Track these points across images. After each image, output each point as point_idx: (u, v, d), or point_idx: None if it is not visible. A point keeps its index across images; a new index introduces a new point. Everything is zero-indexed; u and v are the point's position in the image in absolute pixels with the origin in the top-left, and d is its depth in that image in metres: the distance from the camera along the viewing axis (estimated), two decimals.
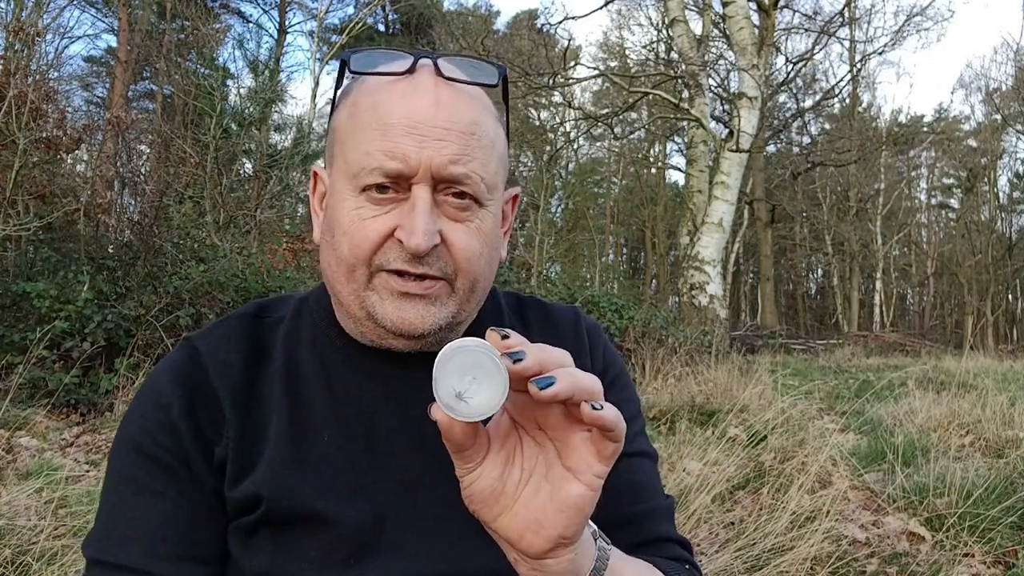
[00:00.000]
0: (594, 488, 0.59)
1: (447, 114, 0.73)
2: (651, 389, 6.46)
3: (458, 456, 0.60)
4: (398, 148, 0.71)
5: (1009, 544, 2.81)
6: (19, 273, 6.10)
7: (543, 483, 0.61)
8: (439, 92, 0.74)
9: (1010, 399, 5.14)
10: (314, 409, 0.79)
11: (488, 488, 0.60)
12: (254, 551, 0.75)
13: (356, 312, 0.78)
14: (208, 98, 11.48)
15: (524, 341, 0.57)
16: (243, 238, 9.67)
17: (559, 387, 0.54)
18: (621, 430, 0.57)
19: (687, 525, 2.73)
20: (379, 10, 26.67)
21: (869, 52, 22.50)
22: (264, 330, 0.85)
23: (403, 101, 0.73)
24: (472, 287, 0.78)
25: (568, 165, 27.94)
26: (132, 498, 0.76)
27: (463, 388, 0.56)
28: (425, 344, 0.79)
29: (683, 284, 12.48)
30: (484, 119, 0.76)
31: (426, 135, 0.72)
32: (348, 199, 0.75)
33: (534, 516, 0.60)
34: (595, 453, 0.58)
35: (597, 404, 0.56)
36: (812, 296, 37.76)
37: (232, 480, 0.76)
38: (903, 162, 32.68)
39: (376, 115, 0.73)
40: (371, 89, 0.76)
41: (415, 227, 0.71)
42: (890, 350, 17.19)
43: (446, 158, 0.72)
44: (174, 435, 0.76)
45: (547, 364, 0.56)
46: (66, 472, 3.34)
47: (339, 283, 0.77)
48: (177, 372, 0.79)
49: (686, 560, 0.87)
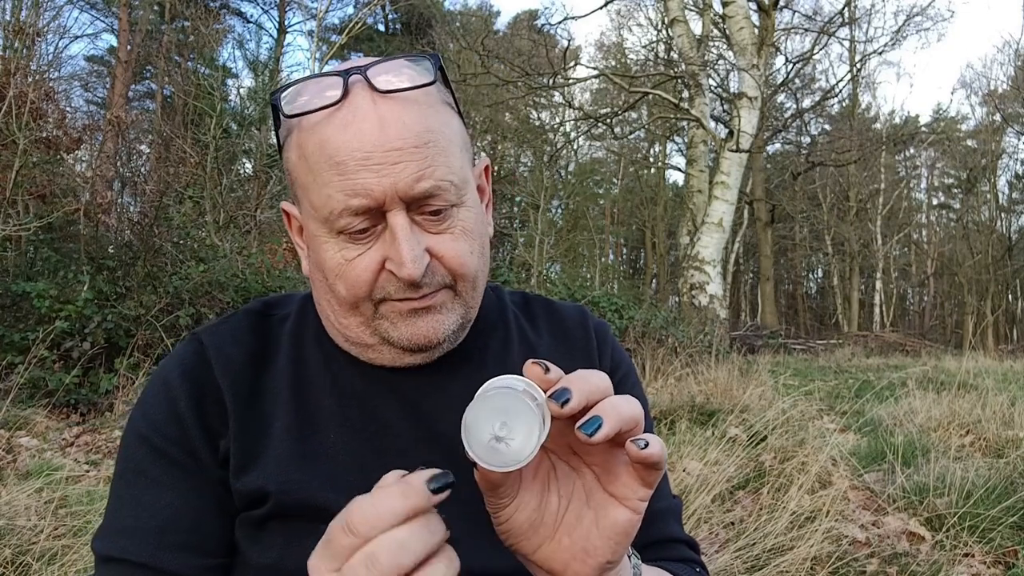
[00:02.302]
0: (639, 512, 0.58)
1: (394, 132, 0.69)
2: (651, 389, 6.46)
3: (492, 494, 0.58)
4: (357, 184, 0.68)
5: (1009, 544, 2.81)
6: (19, 273, 6.10)
7: (585, 510, 0.59)
8: (380, 111, 0.70)
9: (1010, 399, 5.13)
10: (320, 407, 0.79)
11: (527, 521, 0.59)
12: (263, 545, 0.75)
13: (368, 340, 0.78)
14: (208, 98, 11.48)
15: (562, 374, 0.55)
16: (243, 238, 9.67)
17: (607, 430, 0.53)
18: (664, 460, 0.56)
19: (687, 525, 2.73)
20: (379, 10, 26.66)
21: (869, 52, 22.49)
22: (270, 326, 0.85)
23: (346, 133, 0.69)
24: (473, 285, 0.78)
25: (568, 165, 27.92)
26: (139, 491, 0.76)
27: (502, 434, 0.53)
28: (442, 351, 0.79)
29: (683, 284, 12.48)
30: (433, 119, 0.72)
31: (381, 162, 0.68)
32: (328, 241, 0.73)
33: (580, 545, 0.58)
34: (638, 480, 0.57)
35: (641, 442, 0.54)
36: (812, 296, 37.75)
37: (236, 473, 0.76)
38: (903, 162, 32.70)
39: (324, 154, 0.70)
40: (311, 126, 0.71)
41: (403, 258, 0.69)
42: (890, 350, 17.19)
43: (410, 178, 0.69)
44: (181, 427, 0.76)
45: (592, 398, 0.54)
46: (66, 472, 3.34)
47: (344, 318, 0.77)
48: (183, 366, 0.79)
49: (695, 561, 0.87)
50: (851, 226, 28.43)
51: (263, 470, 0.75)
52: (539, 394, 0.54)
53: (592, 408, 0.54)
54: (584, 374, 0.55)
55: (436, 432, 0.79)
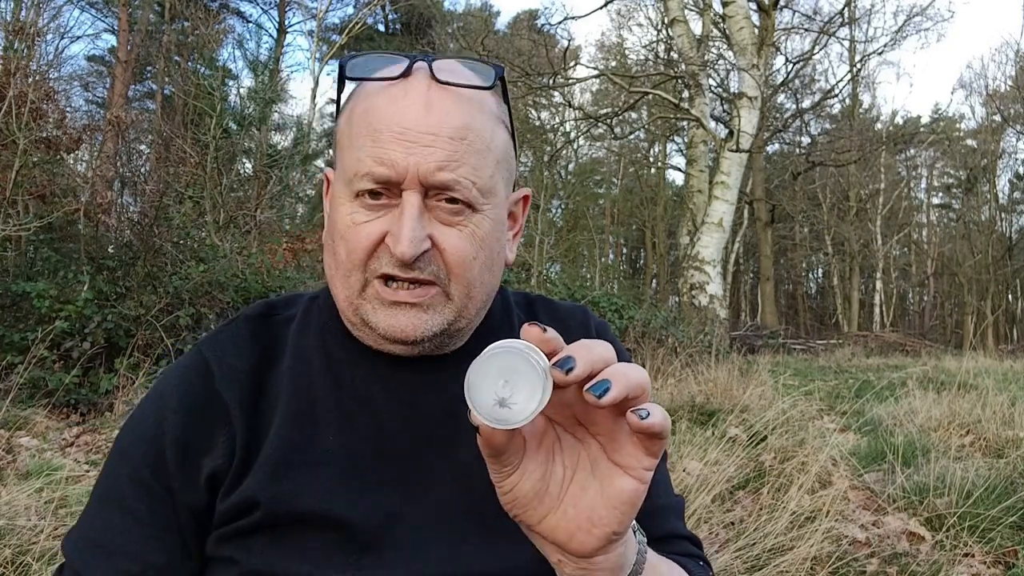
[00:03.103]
0: (645, 481, 0.58)
1: (436, 119, 0.72)
2: (651, 389, 6.45)
3: (495, 460, 0.58)
4: (386, 154, 0.71)
5: (1009, 544, 2.81)
6: (19, 273, 6.10)
7: (590, 479, 0.59)
8: (430, 96, 0.73)
9: (1010, 399, 5.14)
10: (320, 409, 0.79)
11: (532, 490, 0.59)
12: (252, 551, 0.75)
13: (351, 317, 0.79)
14: (208, 98, 11.48)
15: (559, 338, 0.55)
16: (243, 238, 9.67)
17: (615, 392, 0.53)
18: (668, 429, 0.56)
19: (687, 525, 2.73)
20: (379, 10, 26.68)
21: (869, 52, 22.51)
22: (273, 329, 0.84)
23: (393, 106, 0.73)
24: (468, 292, 0.77)
25: (568, 165, 27.94)
26: (107, 507, 0.77)
27: (505, 394, 0.53)
28: (424, 349, 0.79)
29: (683, 284, 12.48)
30: (478, 122, 0.75)
31: (414, 141, 0.71)
32: (345, 203, 0.75)
33: (585, 514, 0.58)
34: (643, 449, 0.57)
35: (643, 412, 0.54)
36: (812, 296, 37.76)
37: (231, 484, 0.75)
38: (903, 162, 32.71)
39: (367, 121, 0.73)
40: (367, 94, 0.76)
41: (401, 235, 0.71)
42: (890, 350, 17.20)
43: (433, 164, 0.71)
44: (158, 448, 0.76)
45: (597, 366, 0.54)
46: (66, 472, 3.34)
47: (337, 286, 0.78)
48: (183, 380, 0.79)
49: (699, 557, 0.88)
50: (851, 226, 28.44)
51: (254, 477, 0.75)
52: (540, 356, 0.54)
53: (598, 374, 0.54)
54: (587, 343, 0.55)
55: (436, 435, 0.79)
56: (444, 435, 0.79)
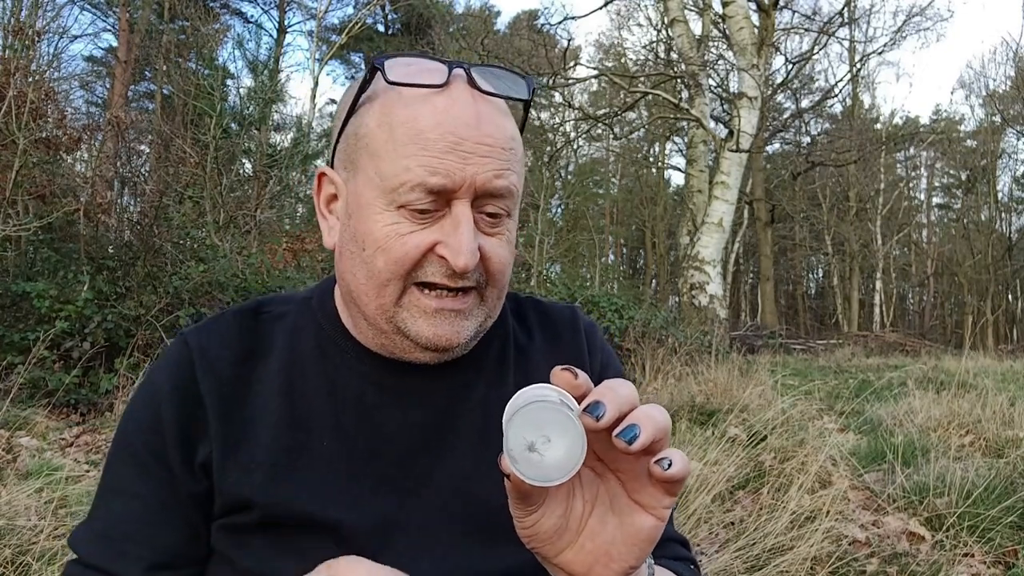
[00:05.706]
0: (664, 519, 0.59)
1: (489, 130, 0.73)
2: (651, 389, 6.46)
3: (521, 503, 0.58)
4: (441, 164, 0.70)
5: (1009, 544, 2.81)
6: (19, 273, 6.10)
7: (608, 515, 0.60)
8: (478, 107, 0.73)
9: (1010, 399, 5.13)
10: (314, 410, 0.78)
11: (552, 528, 0.59)
12: (247, 551, 0.75)
13: (384, 327, 0.77)
14: (208, 98, 11.47)
15: (588, 381, 0.56)
16: (243, 238, 9.66)
17: (644, 438, 0.53)
18: (688, 472, 0.57)
19: (687, 525, 2.73)
20: (379, 10, 26.67)
21: (869, 52, 22.51)
22: (262, 326, 0.84)
23: (444, 116, 0.72)
24: (499, 295, 0.79)
25: (568, 165, 27.94)
26: (113, 495, 0.78)
27: (543, 449, 0.53)
28: (453, 355, 0.79)
29: (683, 284, 12.48)
30: (516, 132, 0.77)
31: (471, 152, 0.71)
32: (383, 213, 0.73)
33: (603, 549, 0.59)
34: (663, 490, 0.58)
35: (666, 462, 0.55)
36: (812, 296, 37.75)
37: (220, 475, 0.76)
38: (903, 162, 32.71)
39: (415, 128, 0.71)
40: (406, 101, 0.73)
41: (461, 247, 0.71)
42: (890, 350, 17.18)
43: (491, 173, 0.72)
44: (158, 434, 0.77)
45: (623, 408, 0.55)
46: (66, 472, 3.34)
47: (365, 296, 0.76)
48: (169, 367, 0.80)
49: (689, 559, 0.88)
50: (851, 226, 28.43)
51: (249, 477, 0.75)
52: (574, 404, 0.54)
53: (625, 417, 0.55)
54: (613, 384, 0.56)
55: (431, 439, 0.79)
56: (439, 439, 0.79)
